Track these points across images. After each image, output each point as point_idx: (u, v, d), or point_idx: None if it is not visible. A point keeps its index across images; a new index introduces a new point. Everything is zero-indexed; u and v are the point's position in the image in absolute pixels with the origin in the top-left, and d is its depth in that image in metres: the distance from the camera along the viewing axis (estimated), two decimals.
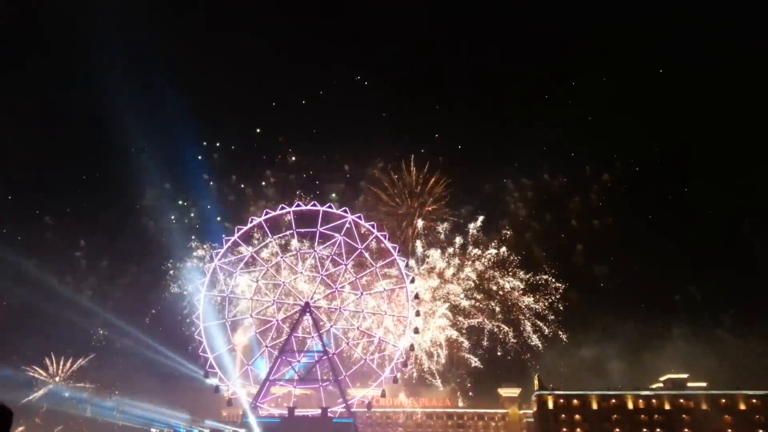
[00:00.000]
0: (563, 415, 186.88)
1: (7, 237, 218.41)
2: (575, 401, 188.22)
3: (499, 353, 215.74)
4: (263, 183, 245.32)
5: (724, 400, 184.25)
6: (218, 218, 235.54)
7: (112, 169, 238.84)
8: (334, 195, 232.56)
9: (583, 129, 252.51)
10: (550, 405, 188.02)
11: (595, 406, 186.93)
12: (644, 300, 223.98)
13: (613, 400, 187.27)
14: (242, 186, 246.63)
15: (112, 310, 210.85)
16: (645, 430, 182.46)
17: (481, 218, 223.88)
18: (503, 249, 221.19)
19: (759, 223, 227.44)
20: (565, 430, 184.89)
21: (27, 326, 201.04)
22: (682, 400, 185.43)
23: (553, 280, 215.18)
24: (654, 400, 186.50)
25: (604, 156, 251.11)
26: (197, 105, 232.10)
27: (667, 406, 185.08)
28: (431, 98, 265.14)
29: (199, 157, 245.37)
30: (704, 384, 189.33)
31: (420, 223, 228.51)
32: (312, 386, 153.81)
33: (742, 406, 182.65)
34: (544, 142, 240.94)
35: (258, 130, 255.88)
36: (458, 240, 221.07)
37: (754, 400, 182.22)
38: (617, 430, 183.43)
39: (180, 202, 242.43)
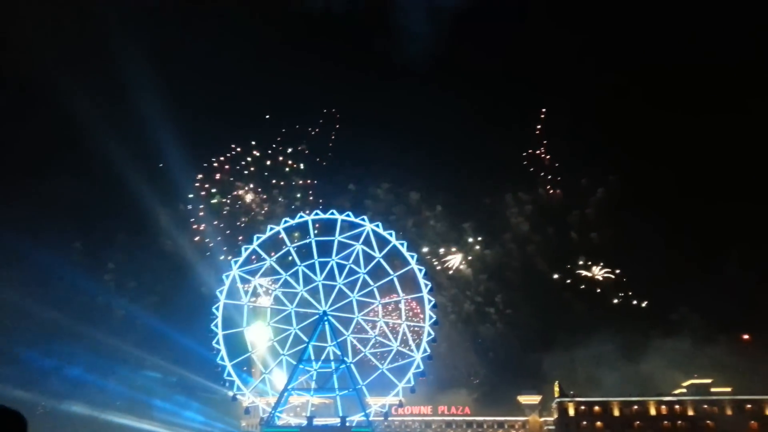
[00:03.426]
0: (584, 422, 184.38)
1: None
2: (596, 408, 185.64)
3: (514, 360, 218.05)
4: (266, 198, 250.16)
5: (749, 406, 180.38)
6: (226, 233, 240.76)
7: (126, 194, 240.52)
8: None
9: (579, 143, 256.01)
10: (571, 412, 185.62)
11: (616, 413, 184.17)
12: (647, 308, 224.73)
13: (636, 407, 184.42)
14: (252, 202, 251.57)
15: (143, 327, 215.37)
16: None
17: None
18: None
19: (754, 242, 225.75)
20: None
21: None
22: (706, 406, 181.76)
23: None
24: (677, 406, 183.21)
25: (599, 170, 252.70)
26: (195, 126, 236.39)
27: (690, 412, 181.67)
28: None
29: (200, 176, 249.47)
30: (729, 389, 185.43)
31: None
32: (330, 395, 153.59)
33: None
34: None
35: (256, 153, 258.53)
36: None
37: None
38: None
39: (192, 220, 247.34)
